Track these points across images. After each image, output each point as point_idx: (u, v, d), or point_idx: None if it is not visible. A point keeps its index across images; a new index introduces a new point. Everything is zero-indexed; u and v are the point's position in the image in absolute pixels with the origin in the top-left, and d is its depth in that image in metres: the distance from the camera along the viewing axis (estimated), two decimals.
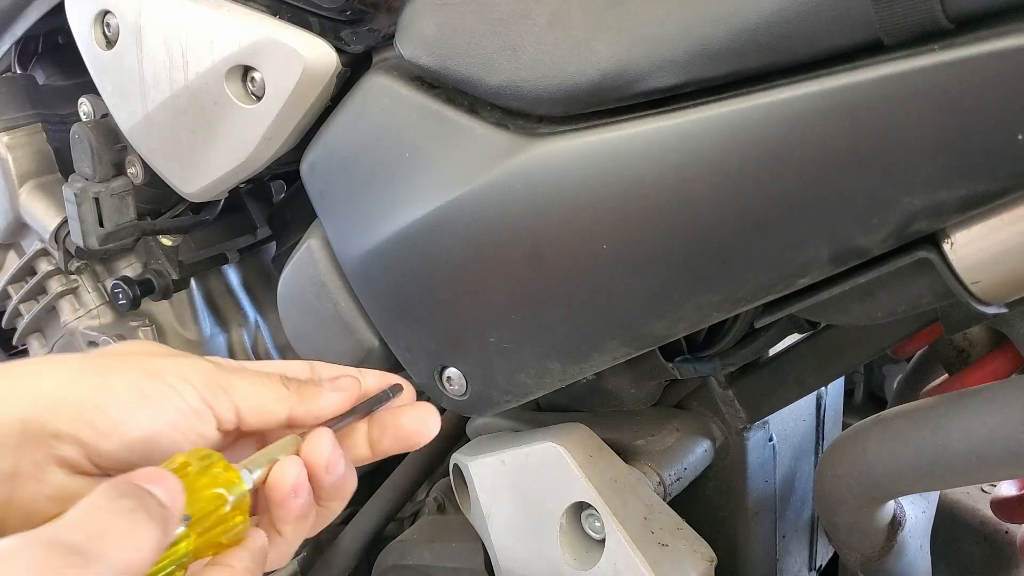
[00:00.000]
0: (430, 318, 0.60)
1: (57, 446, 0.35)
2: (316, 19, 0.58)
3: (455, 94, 0.54)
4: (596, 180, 0.48)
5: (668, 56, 0.44)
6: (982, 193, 0.40)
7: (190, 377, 0.39)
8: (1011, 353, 0.66)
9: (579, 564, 0.66)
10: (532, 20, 0.48)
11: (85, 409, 0.36)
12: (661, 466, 0.70)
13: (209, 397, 0.39)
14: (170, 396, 0.38)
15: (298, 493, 0.39)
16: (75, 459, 0.36)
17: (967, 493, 0.87)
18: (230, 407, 0.40)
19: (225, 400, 0.40)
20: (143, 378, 0.38)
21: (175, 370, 0.39)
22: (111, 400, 0.36)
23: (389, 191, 0.57)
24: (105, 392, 0.37)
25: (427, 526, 0.89)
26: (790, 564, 0.84)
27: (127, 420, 0.37)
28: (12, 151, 1.00)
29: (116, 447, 0.36)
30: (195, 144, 0.66)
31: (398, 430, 0.45)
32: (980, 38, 0.37)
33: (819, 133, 0.41)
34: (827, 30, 0.40)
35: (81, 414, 0.36)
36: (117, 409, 0.36)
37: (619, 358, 0.55)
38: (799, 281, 0.47)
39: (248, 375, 0.42)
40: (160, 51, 0.64)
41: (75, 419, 0.36)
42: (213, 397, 0.39)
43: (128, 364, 0.38)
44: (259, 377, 0.42)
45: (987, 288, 0.45)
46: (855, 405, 1.14)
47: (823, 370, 0.69)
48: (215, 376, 0.40)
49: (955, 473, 0.56)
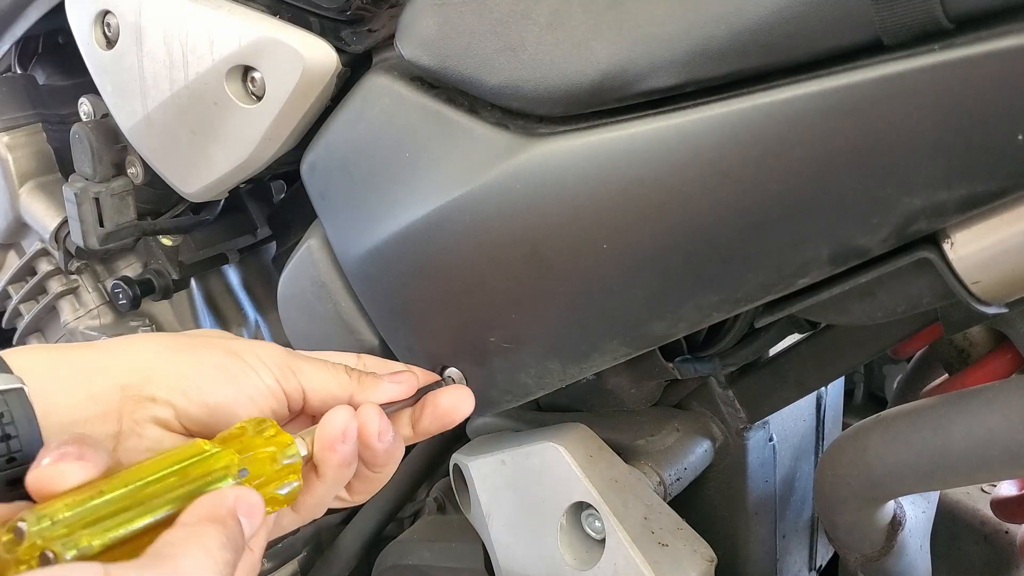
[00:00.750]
0: (430, 318, 0.60)
1: (153, 408, 0.42)
2: (316, 19, 0.58)
3: (455, 94, 0.54)
4: (596, 180, 0.48)
5: (668, 56, 0.44)
6: (982, 193, 0.40)
7: (266, 359, 0.45)
8: (1011, 353, 0.66)
9: (579, 564, 0.66)
10: (532, 20, 0.48)
11: (178, 379, 0.42)
12: (661, 466, 0.70)
13: (281, 378, 0.45)
14: (249, 374, 0.44)
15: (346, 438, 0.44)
16: (168, 419, 0.42)
17: (967, 493, 0.87)
18: (298, 389, 0.46)
19: (295, 382, 0.46)
20: (227, 357, 0.44)
21: (254, 352, 0.45)
22: (200, 373, 0.43)
23: (389, 191, 0.57)
24: (195, 366, 0.43)
25: (427, 526, 0.89)
26: (790, 564, 0.84)
27: (213, 391, 0.43)
28: (12, 151, 1.00)
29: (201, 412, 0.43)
30: (195, 144, 0.66)
31: (436, 408, 0.52)
32: (980, 38, 0.37)
33: (819, 133, 0.41)
34: (827, 30, 0.40)
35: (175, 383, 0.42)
36: (204, 381, 0.43)
37: (619, 358, 0.55)
38: (799, 281, 0.47)
39: (315, 362, 0.48)
40: (160, 51, 0.64)
41: (170, 387, 0.42)
42: (285, 378, 0.45)
43: (214, 344, 0.45)
44: (325, 365, 0.48)
45: (987, 288, 0.45)
46: (855, 405, 1.14)
47: (823, 370, 0.69)
48: (287, 360, 0.46)
49: (955, 473, 0.56)
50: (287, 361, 0.46)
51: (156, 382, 0.42)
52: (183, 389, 0.42)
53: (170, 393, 0.42)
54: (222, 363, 0.44)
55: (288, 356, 0.47)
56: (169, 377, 0.42)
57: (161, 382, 0.42)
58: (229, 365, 0.44)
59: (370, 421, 0.46)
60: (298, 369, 0.46)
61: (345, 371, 0.48)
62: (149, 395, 0.42)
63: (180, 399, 0.42)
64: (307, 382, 0.46)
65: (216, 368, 0.43)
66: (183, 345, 0.44)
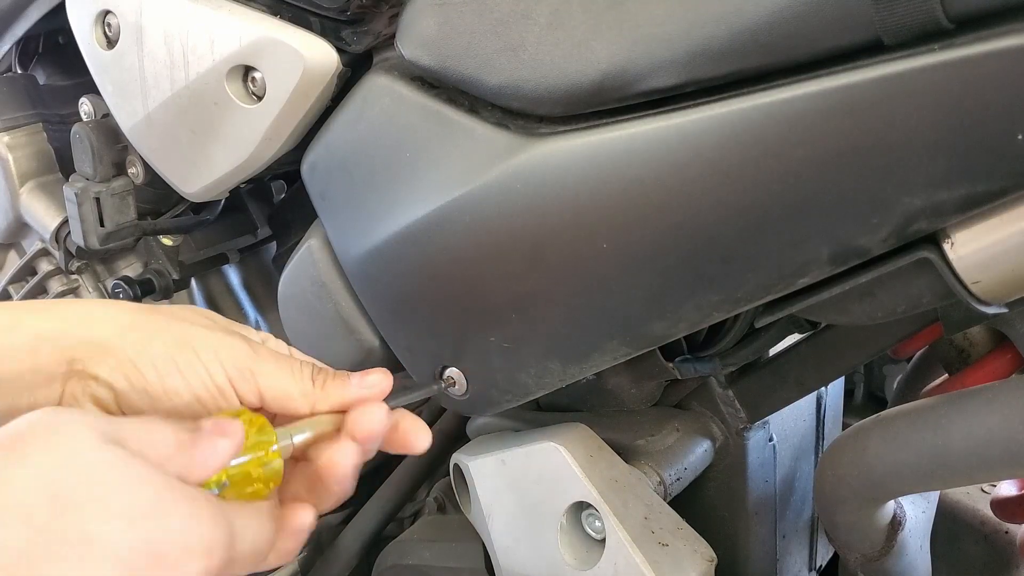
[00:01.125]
0: (430, 318, 0.60)
1: (94, 386, 0.41)
2: (317, 19, 0.58)
3: (455, 94, 0.54)
4: (596, 180, 0.48)
5: (668, 56, 0.44)
6: (982, 193, 0.40)
7: (223, 356, 0.43)
8: (1011, 353, 0.66)
9: (579, 564, 0.66)
10: (532, 20, 0.48)
11: (124, 362, 0.41)
12: (661, 466, 0.70)
13: (236, 378, 0.43)
14: (199, 371, 0.42)
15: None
16: (106, 400, 0.42)
17: (967, 493, 0.87)
18: (254, 391, 0.44)
19: (251, 383, 0.43)
20: (179, 349, 0.42)
21: (211, 346, 0.43)
22: (147, 362, 0.41)
23: (390, 191, 0.57)
24: (144, 354, 0.42)
25: (427, 526, 0.89)
26: (790, 564, 0.84)
27: (156, 383, 0.41)
28: (13, 151, 1.00)
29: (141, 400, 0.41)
30: (196, 144, 0.66)
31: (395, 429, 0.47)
32: (980, 38, 0.37)
33: (819, 133, 0.41)
34: (827, 30, 0.40)
35: (120, 366, 0.41)
36: (150, 370, 0.41)
37: (619, 358, 0.55)
38: (799, 281, 0.47)
39: (278, 363, 0.45)
40: (161, 51, 0.64)
41: (113, 369, 0.41)
42: (240, 379, 0.43)
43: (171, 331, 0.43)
44: (289, 367, 0.45)
45: (987, 288, 0.45)
46: (855, 405, 1.14)
47: (823, 370, 0.69)
48: (247, 359, 0.44)
49: (955, 473, 0.56)
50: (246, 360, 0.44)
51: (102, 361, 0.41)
52: (127, 374, 0.41)
53: (112, 375, 0.41)
54: (173, 354, 0.42)
55: (249, 356, 0.44)
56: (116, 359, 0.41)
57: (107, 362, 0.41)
58: (180, 357, 0.42)
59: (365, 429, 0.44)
60: (258, 371, 0.44)
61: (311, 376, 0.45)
62: (92, 373, 0.41)
63: (122, 383, 0.41)
64: (266, 384, 0.44)
65: (166, 358, 0.42)
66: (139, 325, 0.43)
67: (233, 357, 0.43)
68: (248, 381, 0.43)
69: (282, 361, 0.45)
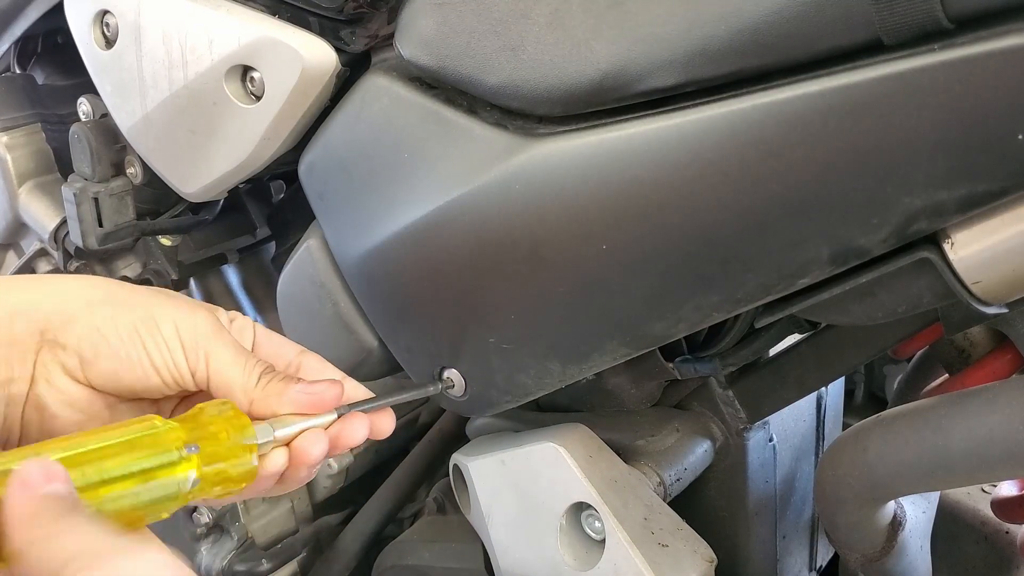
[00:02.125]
0: (429, 319, 0.59)
1: (63, 355, 0.42)
2: (315, 19, 0.58)
3: (454, 94, 0.54)
4: (595, 180, 0.48)
5: (668, 56, 0.44)
6: (982, 193, 0.40)
7: (184, 334, 0.44)
8: (1012, 353, 0.66)
9: (579, 564, 0.66)
10: (532, 20, 0.48)
11: (91, 333, 0.43)
12: (661, 466, 0.70)
13: (191, 359, 0.44)
14: (160, 345, 0.44)
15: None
16: (74, 369, 0.43)
17: (967, 493, 0.87)
18: (203, 375, 0.44)
19: (202, 367, 0.44)
20: (143, 323, 0.43)
21: (172, 320, 0.44)
22: (112, 332, 0.43)
23: (388, 192, 0.57)
24: (110, 323, 0.43)
25: (427, 526, 0.89)
26: (790, 564, 0.84)
27: (120, 352, 0.43)
28: (11, 151, 1.00)
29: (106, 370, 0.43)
30: (194, 144, 0.66)
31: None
32: (980, 38, 0.37)
33: (819, 133, 0.41)
34: (827, 30, 0.40)
35: (88, 335, 0.43)
36: (116, 340, 0.43)
37: (619, 358, 0.55)
38: (799, 281, 0.46)
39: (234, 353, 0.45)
40: (159, 51, 0.64)
41: (81, 338, 0.42)
42: (195, 360, 0.44)
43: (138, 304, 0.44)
44: (241, 359, 0.45)
45: (987, 288, 0.45)
46: (856, 405, 1.14)
47: (823, 370, 0.69)
48: (204, 342, 0.45)
49: (956, 473, 0.56)
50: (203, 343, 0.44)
51: (71, 331, 0.43)
52: (93, 342, 0.43)
53: (79, 344, 0.42)
54: (137, 325, 0.43)
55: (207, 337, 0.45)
56: (84, 328, 0.43)
57: (75, 332, 0.43)
58: (143, 328, 0.43)
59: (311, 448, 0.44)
60: (211, 354, 0.44)
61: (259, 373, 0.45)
62: (62, 342, 0.42)
63: (88, 351, 0.42)
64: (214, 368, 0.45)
65: (131, 330, 0.43)
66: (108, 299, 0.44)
67: (192, 334, 0.44)
68: (201, 364, 0.44)
69: (238, 352, 0.45)
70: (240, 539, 0.95)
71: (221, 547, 0.95)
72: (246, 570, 0.94)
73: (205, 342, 0.44)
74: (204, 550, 0.95)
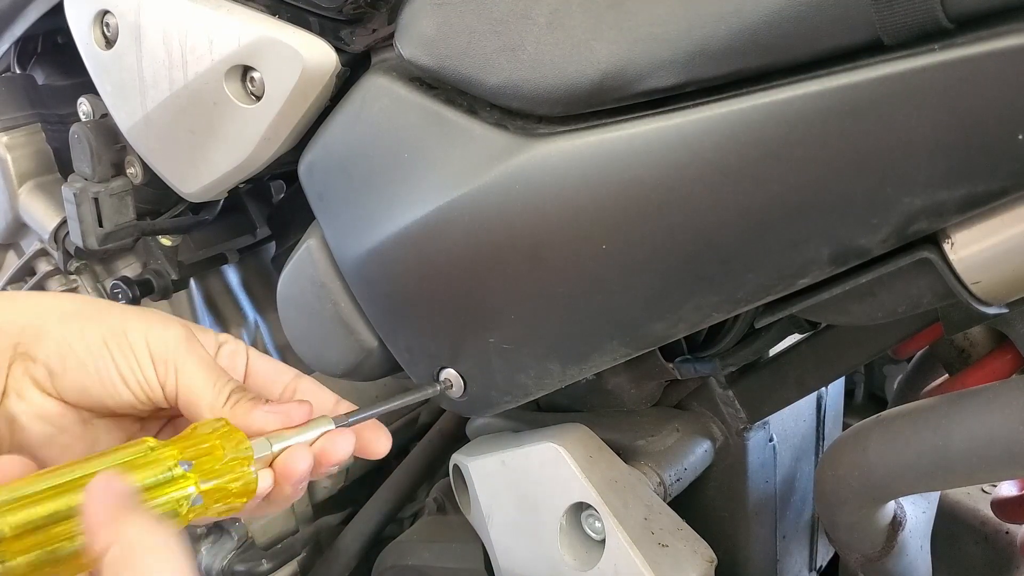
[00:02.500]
0: (429, 320, 0.59)
1: (33, 368, 0.43)
2: (315, 19, 0.58)
3: (454, 94, 0.54)
4: (596, 180, 0.48)
5: (668, 56, 0.44)
6: (982, 193, 0.40)
7: (154, 347, 0.44)
8: (1011, 353, 0.66)
9: (579, 565, 0.66)
10: (532, 20, 0.48)
11: (60, 346, 0.43)
12: (661, 466, 0.70)
13: (160, 372, 0.44)
14: (128, 357, 0.43)
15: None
16: (44, 382, 0.43)
17: (967, 493, 0.87)
18: (173, 389, 0.44)
19: (172, 380, 0.44)
20: (113, 336, 0.43)
21: (144, 336, 0.44)
22: (81, 345, 0.43)
23: (388, 192, 0.57)
24: (79, 337, 0.43)
25: (427, 526, 0.89)
26: (790, 564, 0.84)
27: (88, 364, 0.43)
28: (11, 151, 1.00)
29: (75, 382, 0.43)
30: (194, 144, 0.66)
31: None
32: (980, 38, 0.37)
33: (819, 133, 0.41)
34: (827, 30, 0.40)
35: (57, 348, 0.43)
36: (85, 353, 0.43)
37: (619, 359, 0.55)
38: (799, 281, 0.46)
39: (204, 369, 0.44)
40: (159, 51, 0.64)
41: (51, 351, 0.43)
42: (164, 373, 0.44)
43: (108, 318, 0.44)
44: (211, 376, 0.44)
45: (987, 288, 0.45)
46: (856, 405, 1.14)
47: (823, 370, 0.69)
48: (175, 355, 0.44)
49: (956, 473, 0.56)
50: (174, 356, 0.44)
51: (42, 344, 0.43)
52: (62, 355, 0.43)
53: (48, 356, 0.42)
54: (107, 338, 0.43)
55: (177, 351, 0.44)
56: (54, 341, 0.43)
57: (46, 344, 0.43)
58: (112, 341, 0.43)
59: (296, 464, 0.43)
60: (181, 369, 0.44)
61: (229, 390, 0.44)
62: (32, 355, 0.43)
63: (57, 364, 0.42)
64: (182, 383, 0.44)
65: (99, 343, 0.43)
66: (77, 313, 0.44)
67: (163, 347, 0.44)
68: (170, 379, 0.44)
69: (208, 368, 0.44)
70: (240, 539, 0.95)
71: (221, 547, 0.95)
72: (246, 570, 0.94)
73: (174, 356, 0.44)
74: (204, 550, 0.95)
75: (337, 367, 0.68)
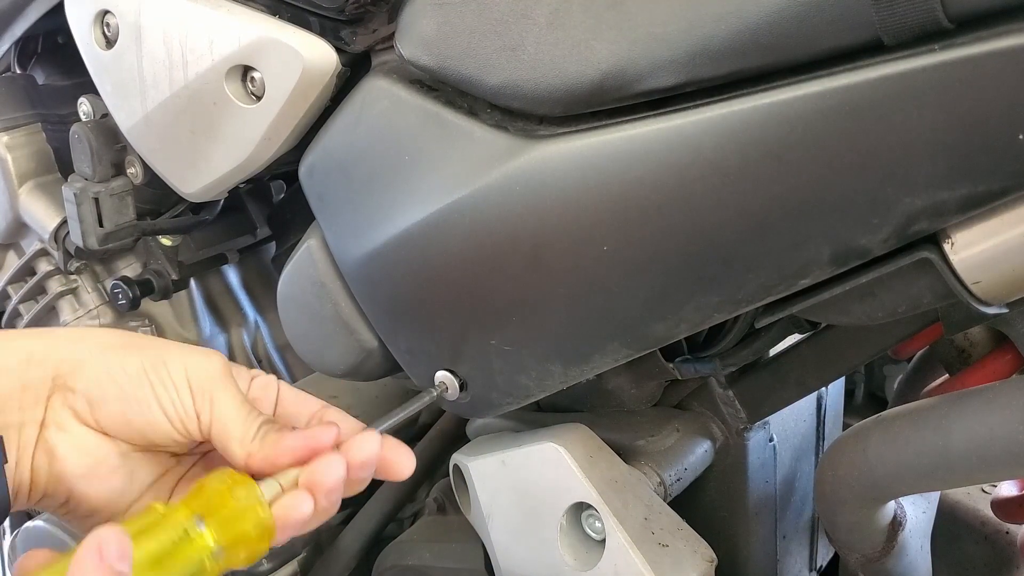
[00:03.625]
0: (430, 321, 0.59)
1: (72, 398, 0.43)
2: (316, 19, 0.58)
3: (455, 96, 0.54)
4: (596, 182, 0.48)
5: (668, 56, 0.44)
6: (983, 193, 0.40)
7: (192, 377, 0.44)
8: (1012, 353, 0.66)
9: (579, 565, 0.66)
10: (532, 20, 0.48)
11: (100, 375, 0.43)
12: (661, 466, 0.70)
13: (198, 401, 0.44)
14: (168, 387, 0.44)
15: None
16: (83, 413, 0.43)
17: (968, 493, 0.87)
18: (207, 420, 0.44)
19: (207, 411, 0.44)
20: (153, 366, 0.44)
21: (183, 365, 0.44)
22: (121, 374, 0.43)
23: (388, 194, 0.57)
24: (119, 367, 0.43)
25: (427, 526, 0.89)
26: (790, 564, 0.84)
27: (128, 394, 0.43)
28: (12, 151, 1.00)
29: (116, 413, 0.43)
30: (195, 144, 0.66)
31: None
32: (980, 38, 0.37)
33: (820, 133, 0.41)
34: (827, 30, 0.40)
35: (97, 379, 0.43)
36: (126, 382, 0.43)
37: (620, 360, 0.55)
38: (800, 282, 0.46)
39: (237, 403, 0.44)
40: (160, 51, 0.64)
41: (90, 381, 0.43)
42: (201, 403, 0.44)
43: (148, 349, 0.45)
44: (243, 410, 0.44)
45: (988, 288, 0.45)
46: (856, 405, 1.14)
47: (824, 370, 0.69)
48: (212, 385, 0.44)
49: (956, 473, 0.56)
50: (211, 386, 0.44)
51: (81, 375, 0.43)
52: (103, 387, 0.43)
53: (88, 387, 0.43)
54: (146, 369, 0.43)
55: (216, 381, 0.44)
56: (94, 372, 0.43)
57: (85, 376, 0.43)
58: (152, 373, 0.43)
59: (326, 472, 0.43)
60: (216, 400, 0.44)
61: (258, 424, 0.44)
62: (71, 385, 0.43)
63: (97, 394, 0.43)
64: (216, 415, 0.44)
65: (139, 373, 0.43)
66: (116, 345, 0.45)
67: (201, 378, 0.44)
68: (206, 404, 0.44)
69: (241, 403, 0.45)
70: None
71: None
72: (246, 570, 0.94)
73: (211, 385, 0.44)
74: None
75: (337, 367, 0.68)
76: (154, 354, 0.44)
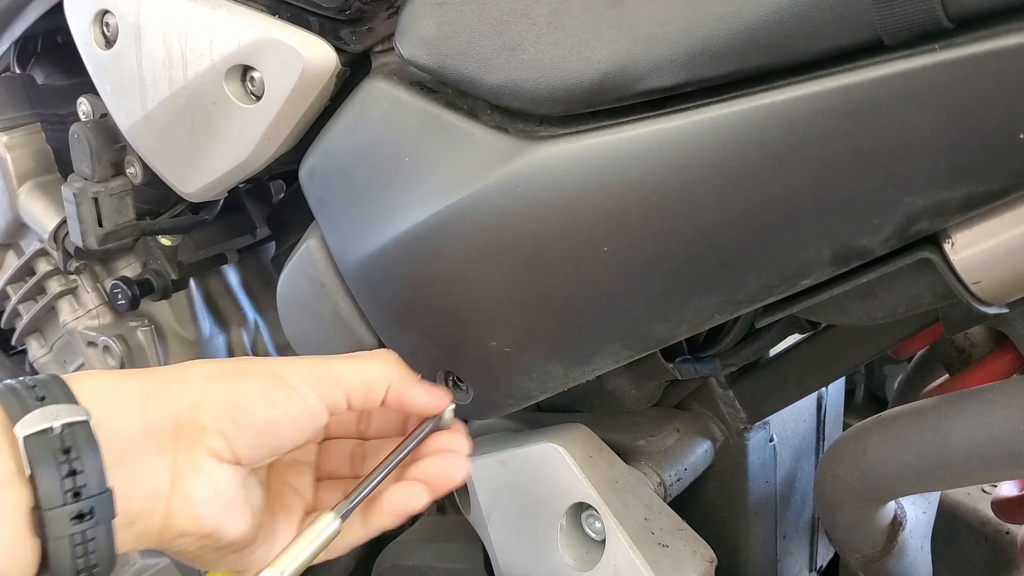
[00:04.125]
0: (430, 323, 0.59)
1: (205, 438, 0.42)
2: (316, 19, 0.58)
3: (454, 98, 0.54)
4: (597, 183, 0.48)
5: (668, 55, 0.44)
6: (983, 193, 0.40)
7: (307, 377, 0.46)
8: (1012, 353, 0.66)
9: (579, 565, 0.66)
10: (532, 19, 0.48)
11: (225, 406, 0.43)
12: (661, 467, 0.70)
13: (324, 393, 0.46)
14: (292, 396, 0.45)
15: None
16: (220, 449, 0.43)
17: (968, 493, 0.87)
18: (342, 396, 0.47)
19: (338, 392, 0.47)
20: (270, 381, 0.45)
21: (295, 371, 0.46)
22: (246, 399, 0.44)
23: (388, 196, 0.57)
24: (241, 392, 0.44)
25: (427, 526, 0.89)
26: (790, 565, 0.84)
27: (257, 415, 0.44)
28: (11, 151, 1.00)
29: (250, 436, 0.43)
30: (194, 144, 0.66)
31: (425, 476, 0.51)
32: (980, 37, 0.37)
33: (820, 133, 0.41)
34: (827, 30, 0.40)
35: (223, 410, 0.43)
36: (251, 405, 0.44)
37: (621, 360, 0.55)
38: (801, 282, 0.46)
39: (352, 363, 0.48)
40: (159, 51, 0.64)
41: (217, 414, 0.43)
42: (328, 392, 0.46)
43: (257, 370, 0.45)
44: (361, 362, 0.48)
45: (988, 288, 0.45)
46: (856, 405, 1.14)
47: (824, 370, 0.69)
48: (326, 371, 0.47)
49: (956, 473, 0.56)
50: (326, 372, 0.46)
51: (205, 410, 0.43)
52: (231, 415, 0.43)
53: (218, 420, 0.43)
54: (266, 386, 0.44)
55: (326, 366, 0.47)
56: (217, 404, 0.43)
57: (210, 409, 0.43)
58: (272, 388, 0.44)
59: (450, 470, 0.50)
60: (338, 376, 0.47)
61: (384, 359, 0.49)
62: (200, 424, 0.42)
63: (229, 426, 0.43)
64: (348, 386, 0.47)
65: (261, 392, 0.44)
66: (228, 372, 0.45)
67: (315, 374, 0.46)
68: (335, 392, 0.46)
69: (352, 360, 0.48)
70: None
71: None
72: None
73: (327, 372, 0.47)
74: None
75: None
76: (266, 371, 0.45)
